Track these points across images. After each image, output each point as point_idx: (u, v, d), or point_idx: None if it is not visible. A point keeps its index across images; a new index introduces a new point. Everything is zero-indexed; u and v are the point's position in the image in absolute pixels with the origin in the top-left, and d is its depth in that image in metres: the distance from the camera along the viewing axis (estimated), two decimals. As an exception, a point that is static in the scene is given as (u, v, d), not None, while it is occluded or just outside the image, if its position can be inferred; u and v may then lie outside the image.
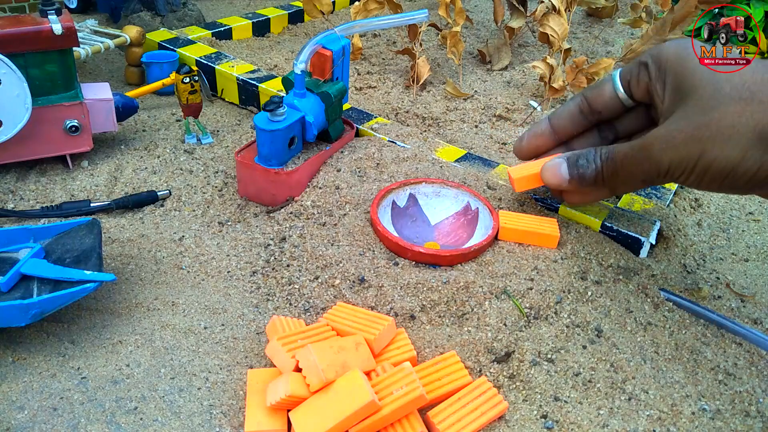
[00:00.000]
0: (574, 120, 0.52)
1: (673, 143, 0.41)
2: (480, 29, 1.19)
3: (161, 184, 0.64)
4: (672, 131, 0.41)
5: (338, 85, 0.62)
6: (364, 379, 0.37)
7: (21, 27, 0.57)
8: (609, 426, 0.41)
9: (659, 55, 0.44)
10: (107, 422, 0.39)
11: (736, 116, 0.38)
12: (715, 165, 0.39)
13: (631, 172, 0.45)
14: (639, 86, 0.47)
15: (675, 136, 0.41)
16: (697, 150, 0.40)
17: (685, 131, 0.40)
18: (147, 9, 1.02)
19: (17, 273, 0.45)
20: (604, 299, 0.50)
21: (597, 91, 0.50)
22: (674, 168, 0.41)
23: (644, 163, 0.43)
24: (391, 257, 0.53)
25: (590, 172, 0.48)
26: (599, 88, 0.50)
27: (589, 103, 0.51)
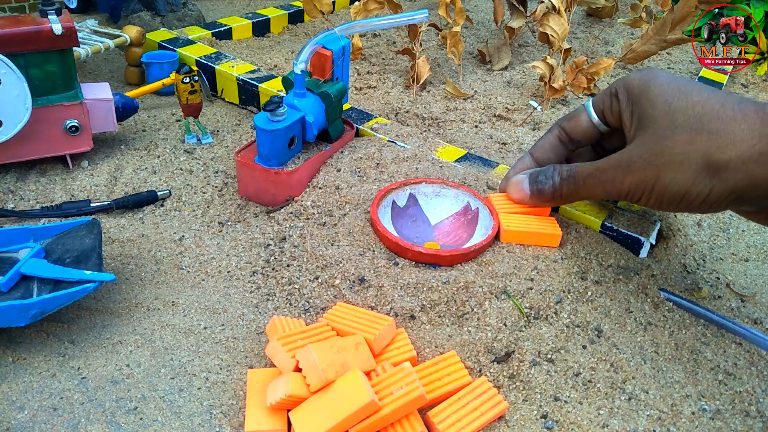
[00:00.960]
0: (556, 150, 0.55)
1: (632, 168, 0.44)
2: (480, 29, 1.19)
3: (161, 184, 0.64)
4: (632, 156, 0.44)
5: (338, 85, 0.62)
6: (364, 379, 0.37)
7: (21, 27, 0.57)
8: (609, 426, 0.41)
9: (627, 86, 0.47)
10: (107, 422, 0.39)
11: (686, 145, 0.41)
12: (669, 189, 0.43)
13: (591, 190, 0.49)
14: (612, 114, 0.49)
15: (634, 161, 0.44)
16: (653, 174, 0.43)
17: (643, 157, 0.43)
18: (147, 9, 1.02)
19: (17, 273, 0.45)
20: (604, 299, 0.50)
21: (573, 122, 0.53)
22: (634, 190, 0.45)
23: (606, 183, 0.47)
24: (391, 257, 0.53)
25: (548, 188, 0.52)
26: (575, 118, 0.53)
27: (568, 133, 0.54)
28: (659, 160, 0.42)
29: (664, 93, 0.44)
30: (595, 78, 0.85)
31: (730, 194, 0.41)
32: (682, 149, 0.41)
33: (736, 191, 0.40)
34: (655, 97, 0.44)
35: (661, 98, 0.44)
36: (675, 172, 0.42)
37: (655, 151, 0.43)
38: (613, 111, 0.49)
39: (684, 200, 0.43)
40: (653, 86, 0.45)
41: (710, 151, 0.40)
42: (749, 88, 1.03)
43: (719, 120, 0.40)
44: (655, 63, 1.10)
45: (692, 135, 0.41)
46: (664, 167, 0.42)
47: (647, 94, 0.45)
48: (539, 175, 0.53)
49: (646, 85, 0.45)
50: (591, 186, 0.48)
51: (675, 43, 0.89)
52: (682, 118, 0.42)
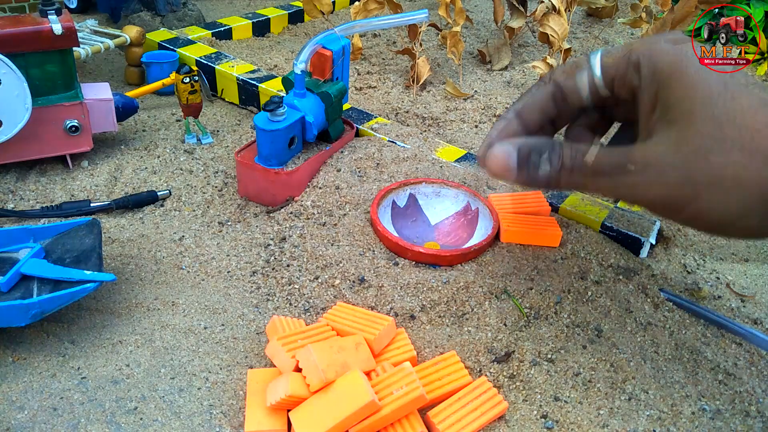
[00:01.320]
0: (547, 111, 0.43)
1: (662, 177, 0.35)
2: (480, 29, 1.19)
3: (161, 184, 0.64)
4: (661, 161, 0.35)
5: (338, 85, 0.62)
6: (364, 379, 0.37)
7: (21, 27, 0.57)
8: (609, 426, 0.41)
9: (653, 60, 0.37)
10: (107, 422, 0.39)
11: (740, 168, 0.33)
12: (709, 214, 0.35)
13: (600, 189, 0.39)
14: (624, 86, 0.40)
15: (665, 170, 0.35)
16: (690, 193, 0.34)
17: (677, 167, 0.34)
18: (147, 9, 1.02)
19: (17, 273, 0.45)
20: (604, 299, 0.50)
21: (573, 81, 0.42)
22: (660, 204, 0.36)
23: (621, 188, 0.37)
24: (391, 257, 0.53)
25: (542, 174, 0.39)
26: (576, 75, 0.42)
27: (564, 93, 0.42)
28: (700, 177, 0.34)
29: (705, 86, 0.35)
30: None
31: None
32: (734, 172, 0.33)
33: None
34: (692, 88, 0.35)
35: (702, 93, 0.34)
36: (721, 197, 0.33)
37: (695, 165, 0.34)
38: (626, 83, 0.39)
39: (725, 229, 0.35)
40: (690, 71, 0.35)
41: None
42: (749, 88, 1.03)
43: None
44: (655, 63, 1.10)
45: (746, 157, 0.33)
46: (708, 188, 0.34)
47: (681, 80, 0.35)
48: (531, 153, 0.40)
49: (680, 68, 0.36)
50: (602, 185, 0.38)
51: (675, 43, 0.88)
52: (732, 130, 0.33)
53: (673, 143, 0.35)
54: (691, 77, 0.35)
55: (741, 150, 0.33)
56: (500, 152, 0.41)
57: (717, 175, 0.33)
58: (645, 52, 0.38)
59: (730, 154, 0.33)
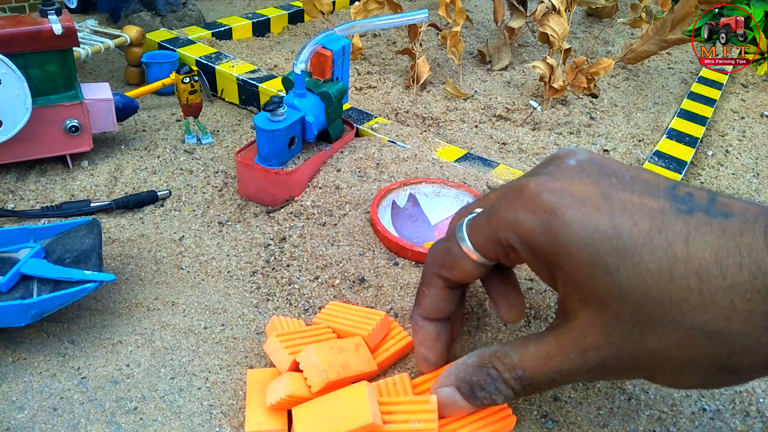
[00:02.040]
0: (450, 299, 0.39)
1: (610, 369, 0.31)
2: (480, 29, 1.19)
3: (161, 184, 0.64)
4: (602, 356, 0.31)
5: (338, 85, 0.62)
6: (370, 398, 0.36)
7: (21, 27, 0.57)
8: (609, 426, 0.41)
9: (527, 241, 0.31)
10: (107, 422, 0.39)
11: (684, 350, 0.29)
12: (678, 384, 0.32)
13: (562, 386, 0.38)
14: (510, 262, 0.35)
15: (607, 363, 0.31)
16: (646, 375, 0.31)
17: (619, 359, 0.30)
18: (147, 9, 1.02)
19: (17, 273, 0.45)
20: (604, 299, 0.50)
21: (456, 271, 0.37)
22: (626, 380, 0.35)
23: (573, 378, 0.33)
24: (391, 257, 0.53)
25: (501, 400, 0.36)
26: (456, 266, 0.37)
27: (453, 280, 0.38)
28: (648, 363, 0.30)
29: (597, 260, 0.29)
30: (595, 78, 0.85)
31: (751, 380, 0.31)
32: (678, 354, 0.29)
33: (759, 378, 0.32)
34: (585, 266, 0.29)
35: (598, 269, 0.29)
36: (678, 376, 0.30)
37: (634, 351, 0.30)
38: (511, 260, 0.34)
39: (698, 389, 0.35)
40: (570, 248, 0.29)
41: (720, 357, 0.28)
42: (749, 89, 1.03)
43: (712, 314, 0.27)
44: (655, 63, 1.10)
45: (682, 336, 0.28)
46: (661, 371, 0.30)
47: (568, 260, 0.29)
48: (475, 390, 0.36)
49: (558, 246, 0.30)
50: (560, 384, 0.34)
51: (675, 43, 0.89)
52: (653, 309, 0.28)
53: (599, 330, 0.30)
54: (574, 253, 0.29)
55: (675, 329, 0.28)
56: (444, 397, 0.37)
57: (663, 360, 0.29)
58: (510, 230, 0.32)
59: (663, 335, 0.28)
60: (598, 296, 0.29)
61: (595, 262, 0.29)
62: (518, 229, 0.31)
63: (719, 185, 0.73)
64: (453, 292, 0.39)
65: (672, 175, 0.68)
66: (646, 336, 0.29)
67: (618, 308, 0.29)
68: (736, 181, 0.74)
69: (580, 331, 0.31)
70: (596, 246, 0.29)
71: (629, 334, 0.29)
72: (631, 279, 0.28)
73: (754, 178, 0.75)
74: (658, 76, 1.05)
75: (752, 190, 0.72)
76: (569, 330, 0.32)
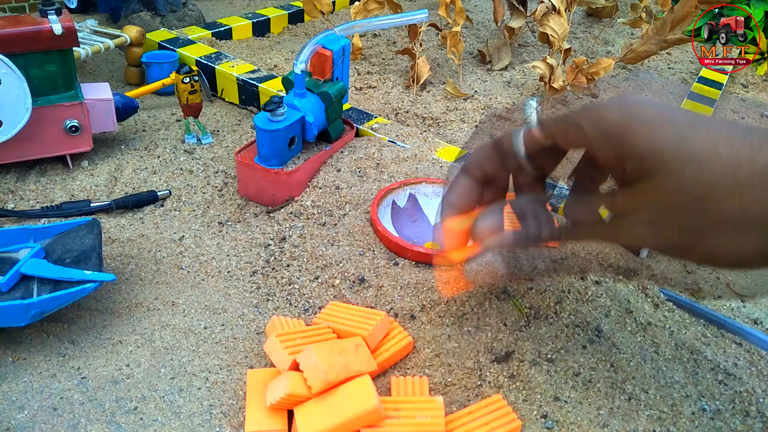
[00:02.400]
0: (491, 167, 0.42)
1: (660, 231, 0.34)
2: (480, 29, 1.19)
3: (161, 184, 0.64)
4: (654, 212, 0.34)
5: (338, 85, 0.62)
6: (372, 386, 0.37)
7: (21, 27, 0.57)
8: (609, 426, 0.41)
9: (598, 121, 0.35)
10: (107, 422, 0.39)
11: (739, 210, 0.31)
12: (723, 254, 0.33)
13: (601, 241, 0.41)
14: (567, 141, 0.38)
15: (659, 219, 0.33)
16: (695, 240, 0.33)
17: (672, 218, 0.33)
18: (147, 9, 1.02)
19: (17, 273, 0.45)
20: (604, 299, 0.50)
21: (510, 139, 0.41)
22: (664, 247, 0.35)
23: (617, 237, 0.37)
24: (391, 257, 0.53)
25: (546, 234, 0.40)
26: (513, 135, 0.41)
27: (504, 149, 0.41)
28: (699, 223, 0.32)
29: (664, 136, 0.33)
30: (595, 78, 0.85)
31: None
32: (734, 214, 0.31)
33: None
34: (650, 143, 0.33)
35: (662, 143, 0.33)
36: (729, 239, 0.32)
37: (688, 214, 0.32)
38: (569, 138, 0.37)
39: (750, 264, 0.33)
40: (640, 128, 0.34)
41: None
42: (749, 88, 1.03)
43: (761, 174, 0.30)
44: (655, 63, 1.10)
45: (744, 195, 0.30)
46: (711, 233, 0.32)
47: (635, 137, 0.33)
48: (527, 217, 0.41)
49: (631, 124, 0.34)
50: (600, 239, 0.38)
51: (675, 43, 0.89)
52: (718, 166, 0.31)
53: (658, 193, 0.33)
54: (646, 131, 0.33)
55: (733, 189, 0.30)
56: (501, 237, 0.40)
57: (717, 220, 0.31)
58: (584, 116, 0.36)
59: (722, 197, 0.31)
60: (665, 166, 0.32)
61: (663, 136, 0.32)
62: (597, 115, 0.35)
63: (719, 185, 0.73)
64: (495, 158, 0.41)
65: (672, 175, 0.68)
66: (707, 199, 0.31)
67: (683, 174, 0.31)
68: (736, 181, 0.74)
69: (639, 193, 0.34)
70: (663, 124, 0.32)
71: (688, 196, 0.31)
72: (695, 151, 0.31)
73: (754, 178, 0.75)
74: (658, 76, 1.05)
75: (752, 190, 0.73)
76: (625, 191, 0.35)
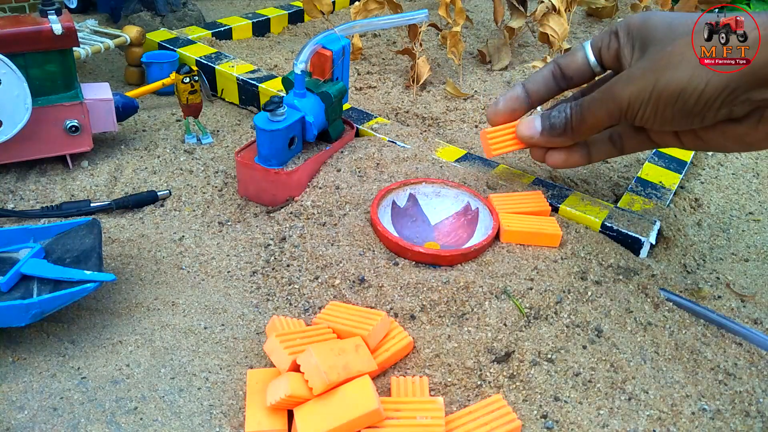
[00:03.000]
0: (548, 85, 0.57)
1: (632, 79, 0.47)
2: (480, 29, 1.19)
3: (161, 184, 0.64)
4: (632, 71, 0.47)
5: (338, 85, 0.62)
6: (372, 388, 0.37)
7: (21, 27, 0.57)
8: (609, 426, 0.41)
9: (627, 24, 0.50)
10: (107, 422, 0.39)
11: (685, 47, 0.44)
12: (667, 89, 0.44)
13: (596, 114, 0.50)
14: (609, 53, 0.52)
15: (634, 74, 0.47)
16: (652, 79, 0.45)
17: (643, 67, 0.46)
18: (147, 9, 1.02)
19: (17, 273, 0.45)
20: (604, 299, 0.50)
21: (570, 59, 0.55)
22: (633, 100, 0.47)
23: (608, 102, 0.49)
24: (391, 257, 0.53)
25: (560, 121, 0.53)
26: (572, 55, 0.55)
27: (562, 69, 0.56)
28: (659, 65, 0.45)
29: (664, 18, 0.47)
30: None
31: (725, 87, 0.42)
32: (680, 50, 0.44)
33: (731, 82, 0.42)
34: (656, 24, 0.47)
35: (662, 22, 0.47)
36: (673, 71, 0.44)
37: (655, 59, 0.45)
38: (610, 49, 0.51)
39: (680, 99, 0.44)
40: (654, 17, 0.48)
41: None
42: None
43: None
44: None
45: (690, 38, 0.44)
46: (663, 69, 0.44)
47: (648, 24, 0.48)
48: (552, 112, 0.54)
49: (646, 18, 0.48)
50: (595, 109, 0.50)
51: (675, 43, 0.88)
52: (682, 27, 0.45)
53: (641, 59, 0.47)
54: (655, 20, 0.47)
55: (687, 35, 0.44)
56: (527, 119, 0.56)
57: (669, 58, 0.44)
58: (621, 22, 0.51)
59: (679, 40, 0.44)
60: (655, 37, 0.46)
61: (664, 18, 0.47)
62: (627, 20, 0.50)
63: (719, 185, 0.73)
64: (554, 81, 0.57)
65: (672, 175, 0.68)
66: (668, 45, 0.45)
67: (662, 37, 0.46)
68: (737, 180, 0.74)
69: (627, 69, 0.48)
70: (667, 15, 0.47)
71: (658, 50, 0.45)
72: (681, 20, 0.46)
73: (754, 178, 0.75)
74: (658, 76, 1.05)
75: (752, 190, 0.72)
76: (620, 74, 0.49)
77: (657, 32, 0.47)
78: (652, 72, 0.45)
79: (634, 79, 0.47)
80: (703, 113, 0.45)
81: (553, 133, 0.54)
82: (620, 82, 0.48)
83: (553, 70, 0.56)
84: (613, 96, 0.48)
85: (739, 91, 0.43)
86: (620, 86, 0.48)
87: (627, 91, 0.47)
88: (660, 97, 0.45)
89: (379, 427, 0.37)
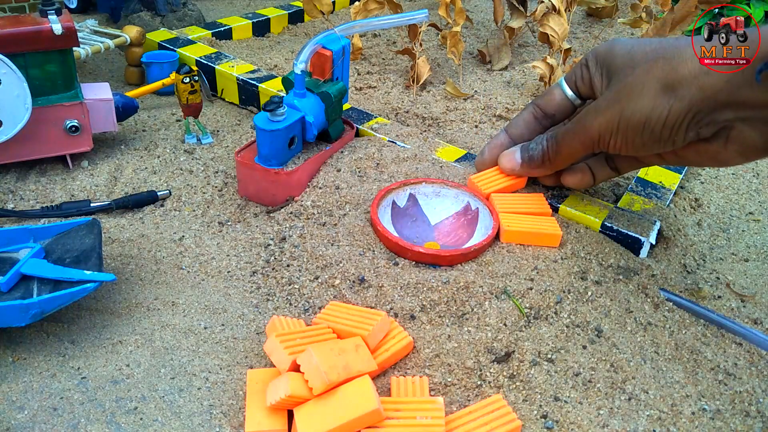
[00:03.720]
0: (530, 127, 0.58)
1: (599, 111, 0.48)
2: (480, 29, 1.19)
3: (161, 184, 0.64)
4: (599, 102, 0.48)
5: (338, 85, 0.62)
6: (372, 387, 0.37)
7: (21, 27, 0.57)
8: (609, 426, 0.41)
9: (595, 53, 0.51)
10: (107, 422, 0.39)
11: (644, 74, 0.45)
12: (632, 119, 0.45)
13: (570, 145, 0.52)
14: (584, 84, 0.53)
15: (601, 105, 0.48)
16: (618, 110, 0.46)
17: (608, 98, 0.47)
18: (147, 9, 1.02)
19: (17, 273, 0.45)
20: (604, 299, 0.50)
21: (548, 98, 0.56)
22: (603, 131, 0.48)
23: (580, 134, 0.50)
24: (391, 257, 0.53)
25: (537, 153, 0.55)
26: (549, 94, 0.56)
27: (542, 109, 0.57)
28: (622, 95, 0.46)
29: (625, 46, 0.48)
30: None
31: (687, 112, 0.43)
32: (641, 79, 0.45)
33: (693, 107, 0.43)
34: (618, 52, 0.49)
35: (624, 50, 0.48)
36: (636, 101, 0.45)
37: (618, 90, 0.46)
38: (584, 80, 0.53)
39: (647, 127, 0.45)
40: (617, 45, 0.49)
41: (665, 73, 0.44)
42: (749, 88, 1.02)
43: (673, 48, 0.44)
44: (655, 63, 1.10)
45: (649, 65, 0.45)
46: (626, 100, 0.46)
47: (612, 52, 0.49)
48: (530, 144, 0.56)
49: (611, 47, 0.50)
50: (568, 140, 0.52)
51: (675, 43, 0.88)
52: (641, 55, 0.46)
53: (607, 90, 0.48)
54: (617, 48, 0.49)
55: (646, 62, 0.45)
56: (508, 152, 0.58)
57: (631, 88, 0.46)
58: (589, 54, 0.52)
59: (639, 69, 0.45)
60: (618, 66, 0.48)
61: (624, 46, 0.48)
62: (595, 50, 0.51)
63: (719, 185, 0.73)
64: (536, 122, 0.58)
65: (672, 175, 0.68)
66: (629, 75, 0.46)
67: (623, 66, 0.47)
68: (736, 180, 0.74)
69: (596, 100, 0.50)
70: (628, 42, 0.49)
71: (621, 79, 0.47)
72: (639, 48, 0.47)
73: (754, 178, 0.75)
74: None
75: (752, 190, 0.72)
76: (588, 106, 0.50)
77: (619, 61, 0.48)
78: (617, 103, 0.46)
79: (601, 110, 0.48)
80: (671, 137, 0.45)
81: (531, 164, 0.56)
82: (589, 114, 0.49)
83: (533, 112, 0.57)
84: (584, 127, 0.49)
85: (702, 114, 0.43)
86: (590, 118, 0.49)
87: (596, 122, 0.48)
88: (627, 126, 0.46)
89: (379, 427, 0.37)
